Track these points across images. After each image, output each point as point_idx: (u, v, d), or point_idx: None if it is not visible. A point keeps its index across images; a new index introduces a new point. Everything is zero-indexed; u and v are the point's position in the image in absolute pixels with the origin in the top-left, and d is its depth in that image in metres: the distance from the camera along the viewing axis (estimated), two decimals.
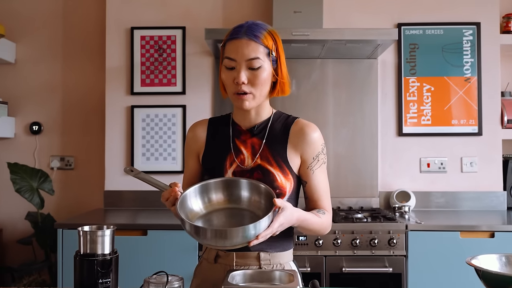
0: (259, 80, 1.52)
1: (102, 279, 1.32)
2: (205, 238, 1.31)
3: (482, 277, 1.35)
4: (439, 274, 2.72)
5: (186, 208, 1.44)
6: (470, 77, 3.38)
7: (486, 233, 2.73)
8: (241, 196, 1.48)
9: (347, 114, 3.39)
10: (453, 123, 3.37)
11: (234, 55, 1.51)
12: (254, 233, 1.29)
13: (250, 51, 1.50)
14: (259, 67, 1.51)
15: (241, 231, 1.28)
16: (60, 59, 3.62)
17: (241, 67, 1.51)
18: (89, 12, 3.62)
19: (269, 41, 1.54)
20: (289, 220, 1.41)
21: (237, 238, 1.29)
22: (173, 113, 3.39)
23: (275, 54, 1.56)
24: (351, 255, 2.72)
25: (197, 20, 3.42)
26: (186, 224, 1.33)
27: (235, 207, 1.47)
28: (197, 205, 1.48)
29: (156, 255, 2.72)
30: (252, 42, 1.51)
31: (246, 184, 1.49)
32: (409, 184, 3.38)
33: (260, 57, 1.51)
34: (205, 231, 1.31)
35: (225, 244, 1.30)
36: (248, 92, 1.52)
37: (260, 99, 1.57)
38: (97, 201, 3.52)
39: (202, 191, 1.49)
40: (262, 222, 1.30)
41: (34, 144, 3.60)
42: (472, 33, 3.38)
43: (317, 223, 1.55)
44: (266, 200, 1.43)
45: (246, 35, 1.51)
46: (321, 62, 3.39)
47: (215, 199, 1.49)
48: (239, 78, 1.50)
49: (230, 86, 1.55)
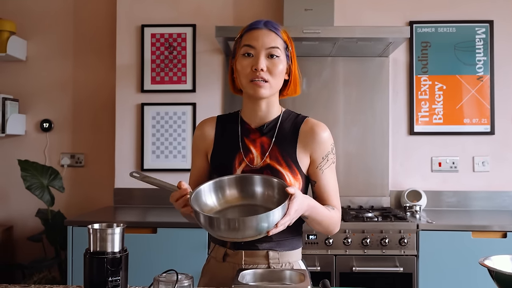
0: (277, 70, 1.53)
1: (112, 277, 1.31)
2: (219, 229, 1.29)
3: (495, 278, 1.34)
4: (450, 274, 2.70)
5: (200, 203, 1.43)
6: (483, 76, 3.34)
7: (498, 233, 2.70)
8: (255, 191, 1.47)
9: (358, 112, 3.36)
10: (465, 122, 3.34)
11: (255, 42, 1.53)
12: (267, 225, 1.28)
13: (270, 40, 1.53)
14: (278, 56, 1.53)
15: (255, 220, 1.27)
16: (70, 56, 3.63)
17: (260, 54, 1.52)
18: (100, 9, 3.63)
19: (285, 36, 1.59)
20: (301, 207, 1.39)
21: (250, 229, 1.27)
22: (183, 111, 3.38)
23: (290, 51, 1.58)
24: (362, 255, 2.71)
25: (207, 17, 3.41)
26: (200, 215, 1.32)
27: (249, 204, 1.46)
28: (211, 201, 1.47)
29: (165, 253, 2.72)
30: (272, 33, 1.55)
31: (259, 180, 1.48)
32: (420, 183, 3.35)
33: (279, 47, 1.54)
34: (219, 221, 1.30)
35: (237, 235, 1.29)
36: (266, 79, 1.53)
37: (274, 90, 1.57)
38: (107, 198, 3.52)
39: (216, 187, 1.48)
40: (276, 212, 1.28)
41: (44, 142, 3.61)
42: (485, 31, 3.35)
43: (327, 215, 1.54)
44: (279, 194, 1.42)
45: (266, 26, 1.55)
46: (332, 60, 3.37)
47: (229, 195, 1.48)
48: (258, 64, 1.51)
49: (247, 74, 1.54)
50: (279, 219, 1.30)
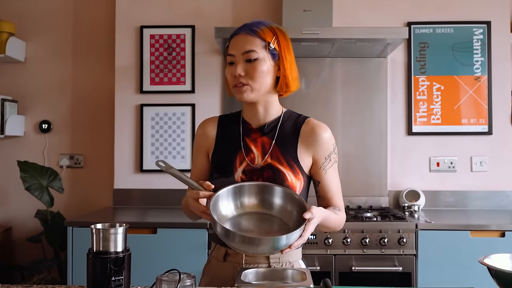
0: (256, 72, 1.54)
1: (115, 276, 1.32)
2: (234, 241, 1.30)
3: (495, 276, 1.35)
4: (449, 273, 2.71)
5: (217, 208, 1.42)
6: (480, 76, 3.36)
7: (497, 232, 2.72)
8: (274, 202, 1.47)
9: (356, 112, 3.38)
10: (463, 122, 3.36)
11: (234, 50, 1.56)
12: (285, 244, 1.29)
13: (245, 44, 1.54)
14: (256, 59, 1.53)
15: (272, 241, 1.27)
16: (69, 57, 3.64)
17: (239, 60, 1.55)
18: (99, 10, 3.63)
19: (268, 34, 1.56)
20: (315, 225, 1.41)
21: (265, 246, 1.28)
22: (182, 112, 3.39)
23: (274, 47, 1.55)
24: (361, 254, 2.72)
25: (206, 19, 3.42)
26: (218, 225, 1.32)
27: (266, 213, 1.46)
28: (229, 206, 1.46)
29: (165, 253, 2.73)
30: (248, 35, 1.55)
31: (280, 192, 1.47)
32: (419, 183, 3.37)
33: (256, 50, 1.54)
34: (235, 235, 1.30)
35: (252, 250, 1.30)
36: (245, 83, 1.55)
37: (260, 91, 1.57)
38: (106, 199, 3.53)
39: (235, 192, 1.47)
40: (294, 234, 1.29)
41: (43, 143, 3.61)
42: (483, 32, 3.37)
43: (334, 220, 1.57)
44: (297, 211, 1.42)
45: (244, 30, 1.56)
46: (330, 61, 3.38)
47: (247, 202, 1.48)
48: (235, 71, 1.54)
49: (230, 80, 1.58)
50: (295, 240, 1.31)
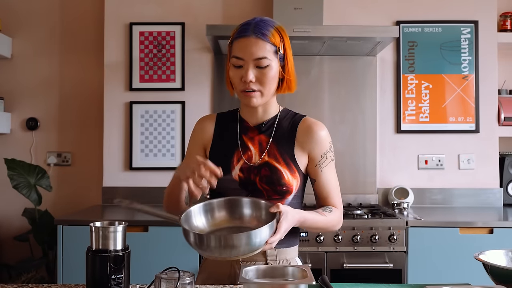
0: (267, 79, 1.52)
1: (115, 275, 1.32)
2: (209, 247, 1.31)
3: (490, 272, 1.37)
4: (439, 270, 2.74)
5: (190, 224, 1.44)
6: (468, 75, 3.40)
7: (485, 229, 2.76)
8: (243, 213, 1.49)
9: (345, 111, 3.40)
10: (450, 120, 3.40)
11: (242, 54, 1.51)
12: (259, 240, 1.31)
13: (257, 50, 1.49)
14: (267, 65, 1.51)
15: (245, 237, 1.29)
16: (57, 54, 3.60)
17: (249, 65, 1.50)
18: (87, 6, 3.60)
19: (277, 38, 1.54)
20: (290, 223, 1.41)
21: (241, 245, 1.29)
22: (172, 110, 3.38)
23: (282, 52, 1.55)
24: (352, 251, 2.74)
25: (196, 16, 3.41)
26: (191, 234, 1.33)
27: (237, 226, 1.48)
28: (201, 222, 1.48)
29: (158, 251, 2.72)
30: (260, 40, 1.50)
31: (247, 202, 1.49)
32: (407, 181, 3.40)
33: (268, 56, 1.51)
34: (209, 239, 1.31)
35: (228, 253, 1.31)
36: (256, 89, 1.53)
37: (268, 96, 1.57)
38: (94, 197, 3.50)
39: (206, 209, 1.49)
40: (263, 230, 1.31)
41: (30, 140, 3.57)
42: (470, 31, 3.41)
43: (321, 222, 1.56)
44: (267, 214, 1.44)
45: (254, 33, 1.50)
46: (320, 59, 3.39)
47: (218, 218, 1.49)
48: (246, 76, 1.50)
49: (238, 84, 1.55)
50: (268, 236, 1.33)
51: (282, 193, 1.55)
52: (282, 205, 1.40)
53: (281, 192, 1.54)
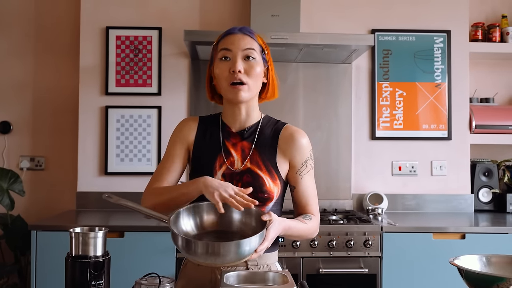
0: (255, 71, 1.56)
1: (95, 281, 1.31)
2: (196, 253, 1.30)
3: (465, 277, 1.40)
4: (413, 274, 2.79)
5: (179, 225, 1.43)
6: (441, 83, 3.48)
7: (458, 234, 2.81)
8: (232, 218, 1.48)
9: (321, 117, 3.43)
10: (423, 127, 3.46)
11: (231, 45, 1.57)
12: (249, 249, 1.31)
13: (246, 42, 1.58)
14: (254, 58, 1.57)
15: (234, 246, 1.29)
16: (32, 56, 3.54)
17: (237, 56, 1.56)
18: (62, 9, 3.55)
19: (261, 41, 1.64)
20: (277, 232, 1.44)
21: (229, 253, 1.29)
22: (148, 114, 3.36)
23: (266, 53, 1.63)
24: (328, 257, 2.76)
25: (173, 21, 3.40)
26: (179, 238, 1.33)
27: (225, 230, 1.47)
28: (189, 224, 1.47)
29: (134, 256, 2.69)
30: (248, 36, 1.59)
31: None
32: (382, 187, 3.45)
33: (255, 49, 1.58)
34: (197, 245, 1.30)
35: (217, 260, 1.30)
36: (244, 81, 1.55)
37: (254, 92, 1.60)
38: (68, 202, 3.45)
39: (195, 212, 1.48)
40: (255, 238, 1.32)
41: (3, 144, 3.51)
42: (443, 41, 3.48)
43: (303, 229, 1.58)
44: (256, 221, 1.44)
45: (241, 31, 1.60)
46: (296, 66, 3.42)
47: (206, 221, 1.48)
48: (235, 66, 1.54)
49: (225, 77, 1.57)
50: (258, 245, 1.34)
51: (263, 200, 1.56)
52: (270, 213, 1.42)
53: (262, 199, 1.55)
